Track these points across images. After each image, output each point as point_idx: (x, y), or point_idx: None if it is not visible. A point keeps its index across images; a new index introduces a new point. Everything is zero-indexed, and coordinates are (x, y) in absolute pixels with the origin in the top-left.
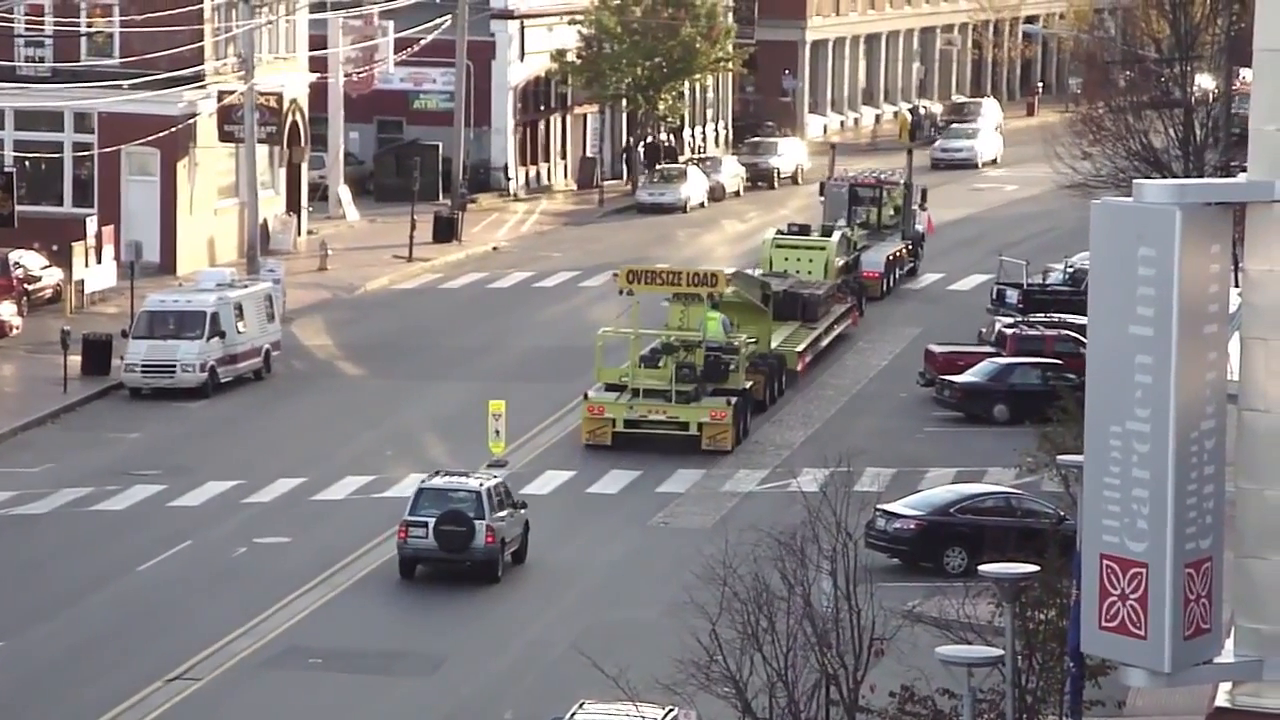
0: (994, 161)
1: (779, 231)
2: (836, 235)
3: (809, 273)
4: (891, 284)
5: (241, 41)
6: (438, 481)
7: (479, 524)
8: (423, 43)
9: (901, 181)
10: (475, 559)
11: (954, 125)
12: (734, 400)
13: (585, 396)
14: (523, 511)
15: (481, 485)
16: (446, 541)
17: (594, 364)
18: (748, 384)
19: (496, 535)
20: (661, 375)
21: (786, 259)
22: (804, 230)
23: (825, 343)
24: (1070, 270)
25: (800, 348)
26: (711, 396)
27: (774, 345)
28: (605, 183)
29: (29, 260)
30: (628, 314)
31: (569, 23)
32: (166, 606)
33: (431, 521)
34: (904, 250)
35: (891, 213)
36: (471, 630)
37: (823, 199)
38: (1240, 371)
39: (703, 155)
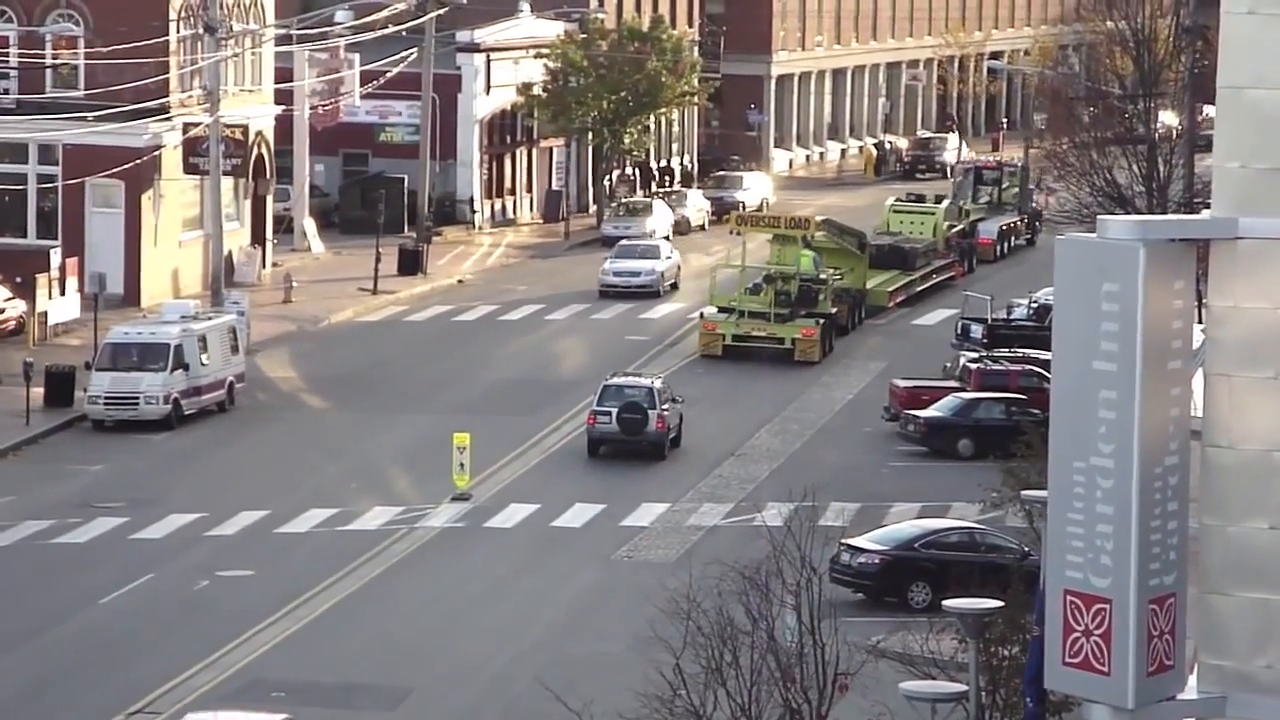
0: None
1: (898, 199)
2: (945, 203)
3: (920, 233)
4: (1005, 251)
5: (207, 74)
6: (616, 380)
7: (651, 413)
8: (388, 75)
9: (1020, 165)
10: (649, 440)
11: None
12: (821, 321)
13: (701, 315)
14: (679, 405)
15: (652, 383)
16: (626, 426)
17: (709, 291)
18: (833, 310)
19: (665, 422)
20: (763, 300)
21: (902, 221)
22: (919, 199)
23: (920, 288)
24: (1034, 306)
25: (892, 289)
26: (803, 318)
27: (871, 286)
28: (570, 216)
29: None
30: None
31: (535, 56)
32: (128, 640)
33: (615, 410)
34: (1018, 223)
35: (1013, 192)
36: (435, 664)
37: (952, 179)
38: (1204, 407)
39: (669, 189)
